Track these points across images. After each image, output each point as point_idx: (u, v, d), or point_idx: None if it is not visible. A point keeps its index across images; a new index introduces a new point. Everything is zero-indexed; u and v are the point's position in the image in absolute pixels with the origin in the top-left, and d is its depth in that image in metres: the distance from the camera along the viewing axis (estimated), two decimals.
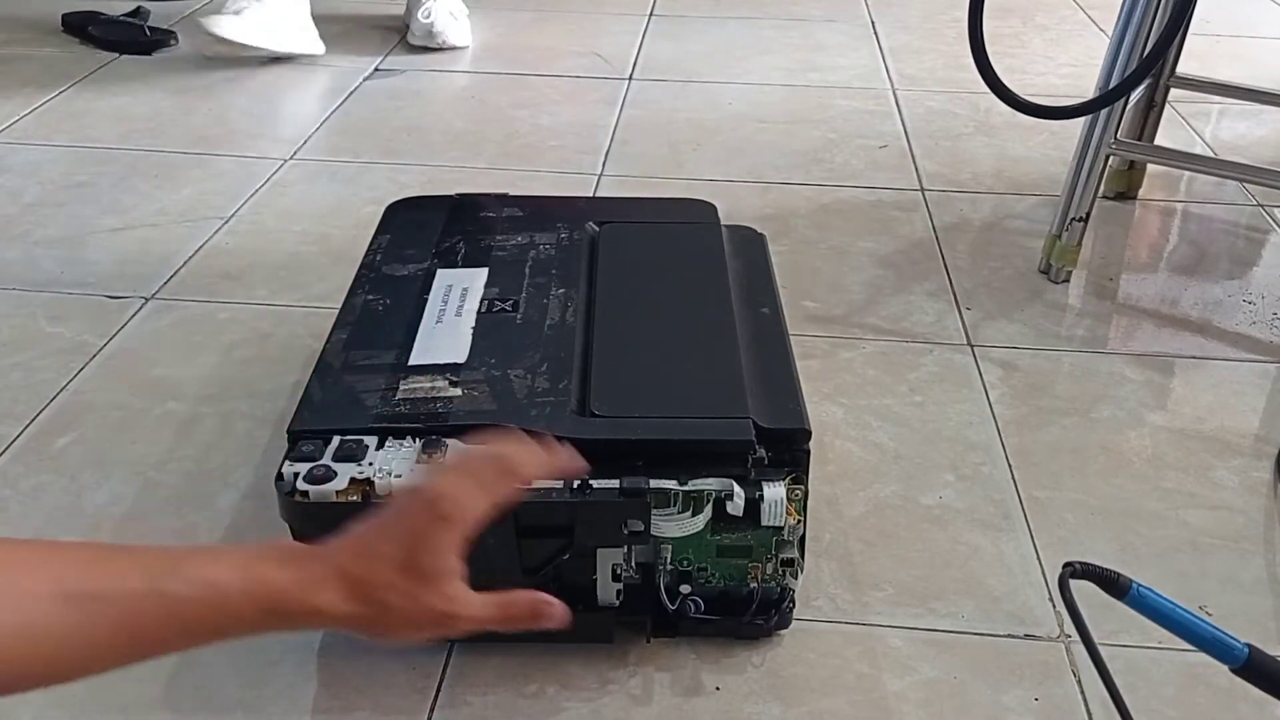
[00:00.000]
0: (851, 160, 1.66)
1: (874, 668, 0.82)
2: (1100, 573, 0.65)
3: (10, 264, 1.33)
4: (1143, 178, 1.55)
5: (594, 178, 1.58)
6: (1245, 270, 1.39)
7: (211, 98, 1.82)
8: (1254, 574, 0.92)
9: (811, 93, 1.91)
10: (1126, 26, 1.25)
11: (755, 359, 0.88)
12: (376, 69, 1.96)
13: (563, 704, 0.79)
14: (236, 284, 1.30)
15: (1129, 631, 0.85)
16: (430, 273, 0.98)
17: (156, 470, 1.00)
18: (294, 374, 1.13)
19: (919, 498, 0.99)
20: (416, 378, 0.84)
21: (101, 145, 1.65)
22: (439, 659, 0.82)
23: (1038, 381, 1.16)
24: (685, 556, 0.80)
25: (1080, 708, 0.80)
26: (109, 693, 0.79)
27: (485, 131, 1.72)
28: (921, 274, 1.35)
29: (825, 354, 1.19)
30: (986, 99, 1.80)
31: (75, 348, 1.17)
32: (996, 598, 0.89)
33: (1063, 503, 0.99)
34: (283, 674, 0.81)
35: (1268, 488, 1.02)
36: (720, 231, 1.05)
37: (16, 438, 1.04)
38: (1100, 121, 1.29)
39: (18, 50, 2.00)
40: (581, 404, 0.81)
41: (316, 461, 0.76)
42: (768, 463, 0.79)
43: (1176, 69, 1.48)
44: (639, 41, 2.13)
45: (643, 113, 1.81)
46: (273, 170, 1.58)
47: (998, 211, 1.52)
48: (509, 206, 1.09)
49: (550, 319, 0.91)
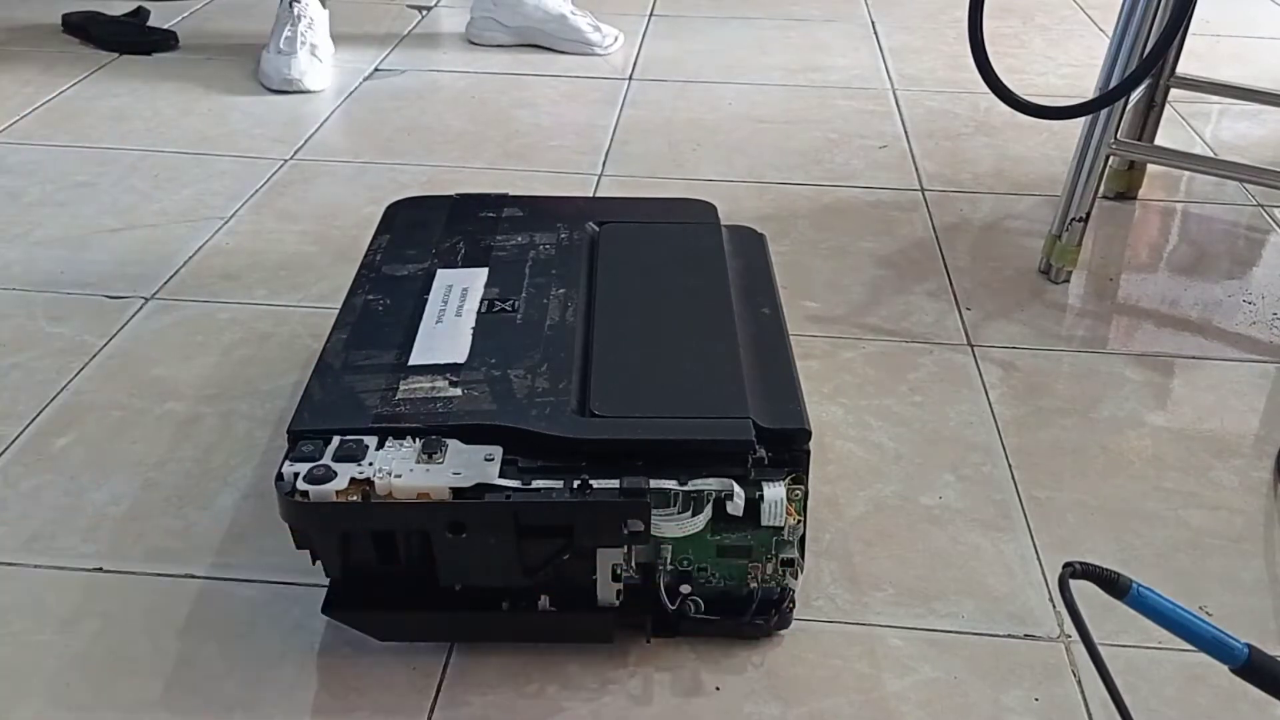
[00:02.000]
0: (851, 160, 1.66)
1: (874, 668, 0.82)
2: (1100, 573, 0.65)
3: (10, 264, 1.33)
4: (1143, 178, 1.55)
5: (594, 178, 1.58)
6: (1245, 270, 1.39)
7: (211, 98, 1.83)
8: (1254, 574, 0.92)
9: (811, 93, 1.91)
10: (1126, 26, 1.25)
11: (755, 359, 0.88)
12: (376, 69, 1.96)
13: (563, 704, 0.79)
14: (236, 284, 1.30)
15: (1129, 631, 0.85)
16: (430, 273, 0.98)
17: (156, 470, 1.00)
18: (294, 374, 1.13)
19: (919, 498, 0.99)
20: (416, 378, 0.84)
21: (101, 145, 1.65)
22: (439, 659, 0.82)
23: (1038, 381, 1.16)
24: (685, 556, 0.80)
25: (1080, 708, 0.80)
26: (109, 692, 0.79)
27: (485, 131, 1.73)
28: (921, 274, 1.35)
29: (825, 354, 1.19)
30: (986, 99, 1.80)
31: (75, 348, 1.17)
32: (996, 598, 0.89)
33: (1063, 503, 0.99)
34: (283, 674, 0.81)
35: (1268, 488, 1.02)
36: (720, 231, 1.05)
37: (16, 438, 1.04)
38: (1100, 121, 1.29)
39: (18, 50, 2.00)
40: (581, 404, 0.81)
41: (316, 461, 0.76)
42: (768, 463, 0.79)
43: (1176, 69, 1.48)
44: (639, 41, 2.13)
45: (643, 113, 1.81)
46: (273, 170, 1.58)
47: (998, 211, 1.52)
48: (509, 206, 1.09)
49: (550, 319, 0.91)
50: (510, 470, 0.76)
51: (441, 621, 0.82)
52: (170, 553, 0.91)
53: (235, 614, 0.86)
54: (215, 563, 0.90)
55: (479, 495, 0.75)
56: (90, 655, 0.82)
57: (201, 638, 0.84)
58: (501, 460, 0.76)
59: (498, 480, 0.75)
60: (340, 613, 0.81)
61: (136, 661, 0.82)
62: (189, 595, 0.87)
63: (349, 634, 0.83)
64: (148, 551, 0.92)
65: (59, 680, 0.80)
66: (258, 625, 0.85)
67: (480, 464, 0.76)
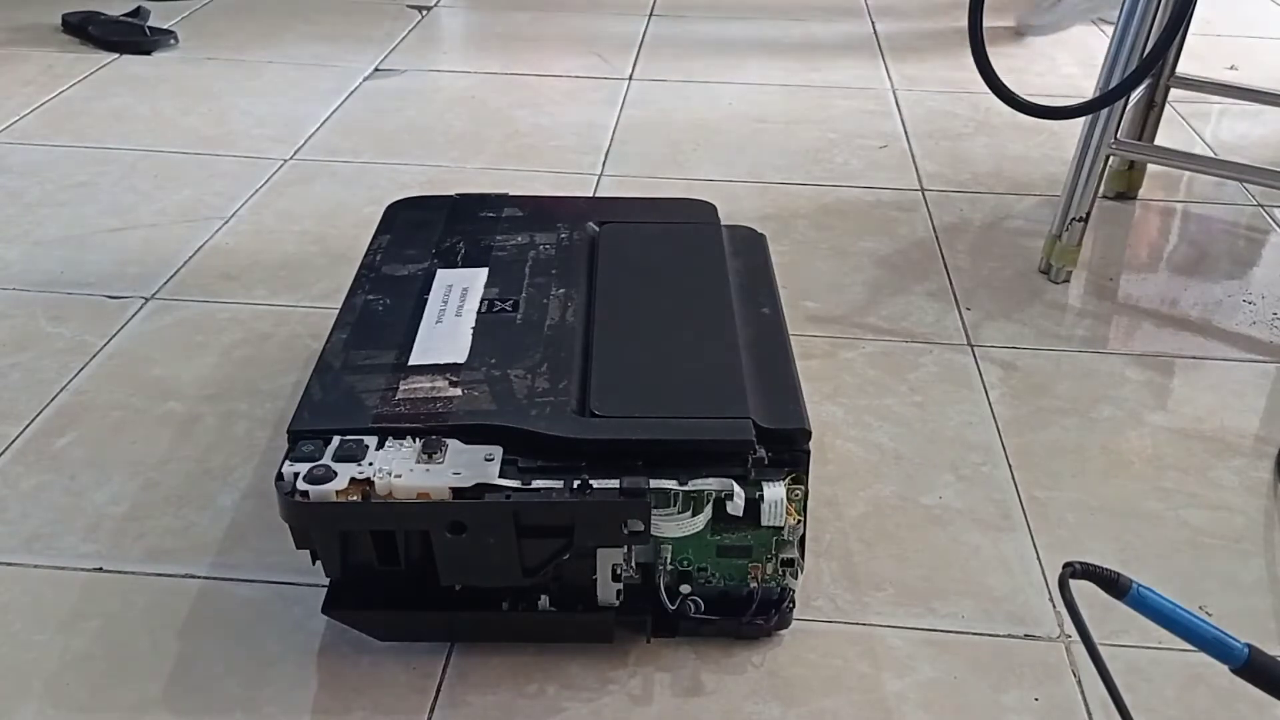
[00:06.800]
0: (851, 160, 1.66)
1: (874, 668, 0.82)
2: (1100, 573, 0.65)
3: (10, 264, 1.33)
4: (1143, 178, 1.55)
5: (594, 178, 1.58)
6: (1245, 270, 1.39)
7: (211, 98, 1.83)
8: (1254, 574, 0.92)
9: (811, 93, 1.91)
10: (1126, 26, 1.25)
11: (755, 359, 0.88)
12: (376, 69, 1.96)
13: (563, 704, 0.79)
14: (236, 284, 1.30)
15: (1129, 631, 0.85)
16: (430, 273, 0.98)
17: (156, 470, 1.00)
18: (294, 374, 1.13)
19: (919, 498, 0.99)
20: (416, 378, 0.84)
21: (101, 145, 1.65)
22: (439, 659, 0.82)
23: (1038, 381, 1.16)
24: (685, 556, 0.80)
25: (1080, 708, 0.80)
26: (109, 692, 0.79)
27: (485, 131, 1.73)
28: (921, 274, 1.35)
29: (825, 354, 1.19)
30: (986, 99, 1.80)
31: (75, 348, 1.17)
32: (996, 598, 0.89)
33: (1063, 503, 0.99)
34: (283, 674, 0.81)
35: (1268, 488, 1.02)
36: (720, 231, 1.05)
37: (16, 438, 1.04)
38: (1100, 121, 1.29)
39: (18, 50, 2.00)
40: (581, 404, 0.81)
41: (316, 461, 0.76)
42: (768, 463, 0.79)
43: (1176, 69, 1.48)
44: (639, 41, 2.13)
45: (643, 113, 1.81)
46: (273, 170, 1.58)
47: (998, 211, 1.52)
48: (509, 206, 1.09)
49: (550, 319, 0.91)
50: (510, 470, 0.76)
51: (441, 621, 0.82)
52: (170, 553, 0.91)
53: (235, 614, 0.86)
54: (215, 563, 0.90)
55: (479, 495, 0.75)
56: (90, 655, 0.82)
57: (201, 638, 0.84)
58: (501, 460, 0.76)
59: (498, 480, 0.75)
60: (340, 613, 0.81)
61: (136, 661, 0.82)
62: (189, 595, 0.87)
63: (349, 634, 0.83)
64: (148, 551, 0.92)
65: (59, 680, 0.80)
66: (258, 625, 0.85)
67: (480, 464, 0.76)
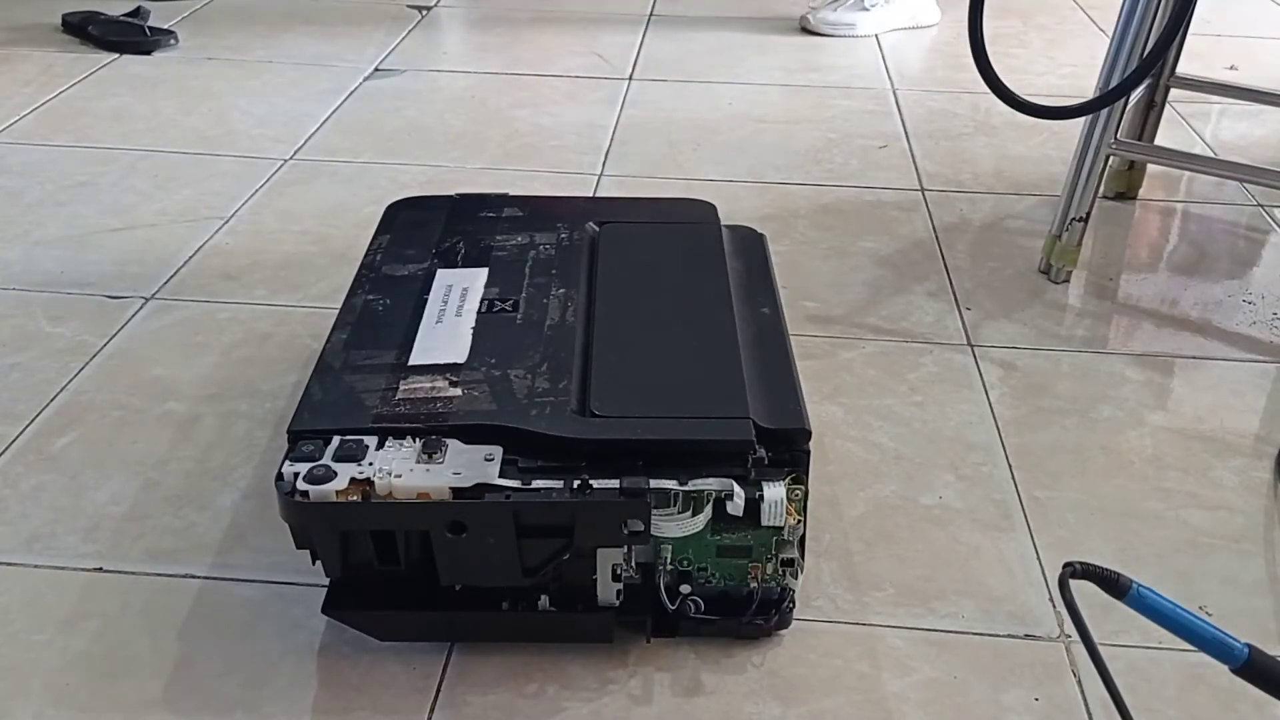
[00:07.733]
0: (851, 160, 1.66)
1: (874, 668, 0.82)
2: (1100, 573, 0.65)
3: (10, 264, 1.33)
4: (1143, 178, 1.55)
5: (594, 178, 1.58)
6: (1245, 270, 1.39)
7: (211, 98, 1.83)
8: (1254, 574, 0.92)
9: (811, 93, 1.91)
10: (1126, 26, 1.25)
11: (755, 359, 0.88)
12: (376, 69, 1.96)
13: (563, 704, 0.79)
14: (236, 284, 1.30)
15: (1129, 631, 0.85)
16: (430, 273, 0.98)
17: (156, 470, 1.00)
18: (294, 374, 1.13)
19: (919, 498, 0.99)
20: (416, 378, 0.84)
21: (101, 145, 1.65)
22: (439, 659, 0.82)
23: (1038, 381, 1.16)
24: (685, 556, 0.80)
25: (1080, 708, 0.80)
26: (109, 692, 0.79)
27: (485, 131, 1.73)
28: (921, 274, 1.35)
29: (825, 354, 1.19)
30: (986, 99, 1.80)
31: (75, 348, 1.17)
32: (996, 598, 0.89)
33: (1063, 503, 0.99)
34: (283, 674, 0.81)
35: (1268, 488, 1.02)
36: (720, 231, 1.05)
37: (16, 438, 1.04)
38: (1100, 121, 1.29)
39: (18, 50, 2.00)
40: (581, 404, 0.81)
41: (316, 461, 0.76)
42: (768, 463, 0.79)
43: (1176, 69, 1.48)
44: (639, 41, 2.13)
45: (643, 113, 1.81)
46: (273, 170, 1.58)
47: (998, 211, 1.52)
48: (509, 206, 1.09)
49: (550, 319, 0.91)
50: (510, 470, 0.76)
51: (441, 621, 0.82)
52: (170, 553, 0.91)
53: (235, 614, 0.86)
54: (215, 563, 0.90)
55: (479, 495, 0.75)
56: (90, 655, 0.82)
57: (201, 638, 0.84)
58: (501, 460, 0.76)
59: (498, 480, 0.75)
60: (340, 613, 0.81)
61: (136, 661, 0.82)
62: (189, 595, 0.87)
63: (349, 634, 0.83)
64: (147, 551, 0.92)
65: (59, 680, 0.80)
66: (258, 625, 0.85)
67: (480, 464, 0.76)
